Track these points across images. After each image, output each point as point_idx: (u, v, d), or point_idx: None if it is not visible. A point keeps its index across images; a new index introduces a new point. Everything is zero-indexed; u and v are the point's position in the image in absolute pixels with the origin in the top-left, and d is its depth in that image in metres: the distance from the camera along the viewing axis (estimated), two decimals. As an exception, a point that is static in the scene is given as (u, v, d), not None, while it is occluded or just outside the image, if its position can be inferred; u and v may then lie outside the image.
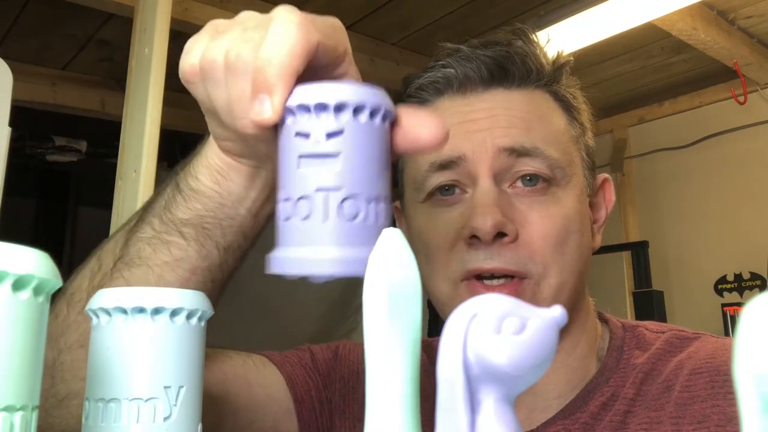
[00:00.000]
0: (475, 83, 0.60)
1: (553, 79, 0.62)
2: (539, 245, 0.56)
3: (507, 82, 0.60)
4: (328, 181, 0.32)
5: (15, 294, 0.23)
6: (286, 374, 0.62)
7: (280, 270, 0.33)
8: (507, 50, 0.61)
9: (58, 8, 1.87)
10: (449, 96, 0.62)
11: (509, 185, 0.58)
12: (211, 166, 0.45)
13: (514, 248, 0.55)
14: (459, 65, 0.61)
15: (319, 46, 0.35)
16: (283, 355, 0.64)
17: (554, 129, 0.60)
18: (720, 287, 2.42)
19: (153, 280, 0.46)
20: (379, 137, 0.34)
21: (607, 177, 0.67)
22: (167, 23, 1.37)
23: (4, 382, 0.23)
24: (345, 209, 0.32)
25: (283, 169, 0.34)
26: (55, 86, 2.28)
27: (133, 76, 1.38)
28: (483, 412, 0.22)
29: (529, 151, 0.57)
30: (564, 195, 0.58)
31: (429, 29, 2.10)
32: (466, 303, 0.23)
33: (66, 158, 2.53)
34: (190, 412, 0.33)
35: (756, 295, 0.17)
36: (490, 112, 0.59)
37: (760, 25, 2.12)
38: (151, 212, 0.48)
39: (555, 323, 0.23)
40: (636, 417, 0.56)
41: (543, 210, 0.57)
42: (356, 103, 0.33)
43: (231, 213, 0.46)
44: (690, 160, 2.57)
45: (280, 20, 0.34)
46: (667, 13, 1.79)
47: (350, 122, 0.33)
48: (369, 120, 0.33)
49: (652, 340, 0.62)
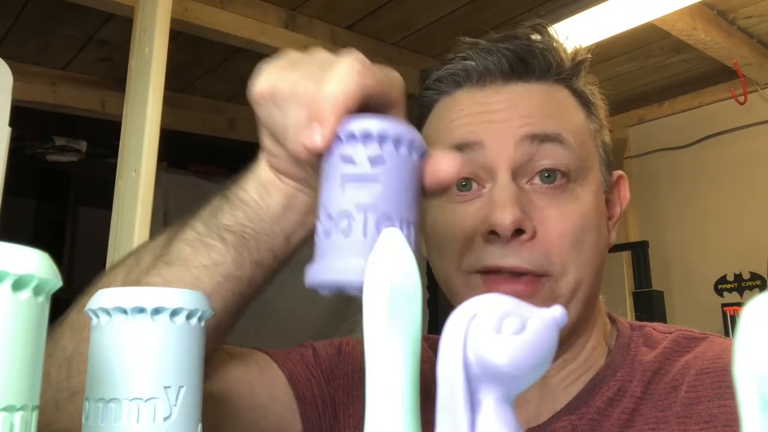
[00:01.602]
0: (494, 76, 0.61)
1: (572, 74, 0.62)
2: (557, 243, 0.56)
3: (527, 75, 0.60)
4: (369, 200, 0.37)
5: (15, 294, 0.23)
6: (287, 372, 0.61)
7: (319, 277, 0.37)
8: (527, 44, 0.60)
9: (58, 8, 1.87)
10: (468, 88, 0.62)
11: (527, 181, 0.58)
12: (258, 179, 0.49)
13: (531, 246, 0.55)
14: (479, 57, 0.61)
15: (372, 91, 0.40)
16: (285, 352, 0.64)
17: (573, 122, 0.60)
18: (720, 287, 2.42)
19: (189, 281, 0.47)
20: (412, 169, 0.39)
21: (622, 174, 0.66)
22: (167, 23, 1.37)
23: (4, 382, 0.23)
24: (382, 226, 0.36)
25: (326, 189, 0.39)
26: (55, 86, 2.28)
27: (133, 76, 1.38)
28: (483, 412, 0.22)
29: (551, 137, 0.57)
30: (582, 192, 0.58)
31: (429, 29, 2.10)
32: (466, 303, 0.23)
33: (66, 158, 2.53)
34: (190, 412, 0.33)
35: (756, 295, 0.17)
36: (510, 103, 0.59)
37: (760, 25, 2.12)
38: (197, 217, 0.51)
39: (555, 323, 0.23)
40: (643, 416, 0.56)
41: (561, 207, 0.57)
42: (395, 135, 0.38)
43: (267, 229, 0.49)
44: (690, 160, 2.57)
45: (344, 64, 0.40)
46: (667, 13, 1.79)
47: (390, 151, 0.38)
48: (406, 152, 0.38)
49: (659, 339, 0.62)
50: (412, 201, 0.38)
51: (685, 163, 2.58)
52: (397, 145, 0.38)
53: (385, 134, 0.37)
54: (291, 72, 0.42)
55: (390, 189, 0.37)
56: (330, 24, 2.05)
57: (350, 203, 0.37)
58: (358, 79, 0.39)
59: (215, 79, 2.38)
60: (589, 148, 0.60)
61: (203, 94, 2.53)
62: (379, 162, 0.37)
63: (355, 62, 0.40)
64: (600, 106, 0.64)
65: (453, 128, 0.60)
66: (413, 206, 0.38)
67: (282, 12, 1.97)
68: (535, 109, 0.59)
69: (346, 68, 0.39)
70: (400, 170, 0.38)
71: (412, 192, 0.39)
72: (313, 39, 2.00)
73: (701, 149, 2.54)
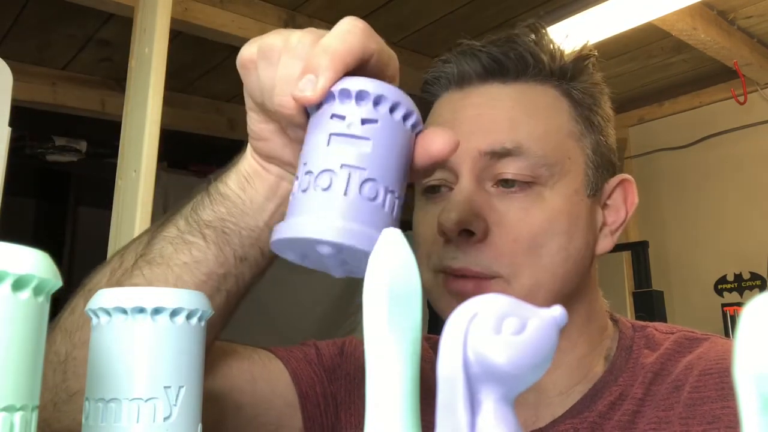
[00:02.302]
0: (470, 78, 0.61)
1: (561, 74, 0.61)
2: (509, 247, 0.55)
3: (502, 76, 0.60)
4: (355, 161, 0.34)
5: (15, 294, 0.23)
6: (291, 369, 0.62)
7: (286, 234, 0.34)
8: (505, 44, 0.60)
9: (58, 8, 1.87)
10: (450, 91, 0.62)
11: (492, 185, 0.58)
12: (240, 172, 0.48)
13: (481, 248, 0.55)
14: (456, 60, 0.61)
15: (373, 55, 0.38)
16: (288, 350, 0.64)
17: (546, 125, 0.59)
18: (720, 287, 2.42)
19: (172, 280, 0.47)
20: (405, 138, 0.36)
21: (626, 177, 0.64)
22: (167, 23, 1.37)
23: (4, 382, 0.23)
24: (365, 189, 0.34)
25: (311, 146, 0.36)
26: (55, 86, 2.27)
27: (133, 76, 1.38)
28: (483, 412, 0.22)
29: (510, 151, 0.56)
30: (550, 195, 0.57)
31: (429, 29, 2.10)
32: (465, 303, 0.23)
33: (66, 158, 2.53)
34: (190, 412, 0.33)
35: (756, 295, 0.17)
36: (478, 110, 0.59)
37: (760, 25, 2.12)
38: (179, 214, 0.50)
39: (555, 323, 0.23)
40: (645, 417, 0.56)
41: (521, 211, 0.56)
42: (393, 100, 0.35)
43: (251, 223, 0.48)
44: (690, 160, 2.57)
45: (347, 22, 0.37)
46: (667, 13, 1.79)
47: (385, 115, 0.35)
48: (401, 120, 0.36)
49: (661, 341, 0.62)
50: (400, 172, 0.36)
51: (685, 163, 2.58)
52: (392, 110, 0.36)
53: (381, 97, 0.35)
54: (284, 33, 0.39)
55: (378, 154, 0.35)
56: (330, 24, 2.02)
57: (335, 161, 0.34)
58: (362, 37, 0.37)
59: (215, 79, 2.38)
60: (566, 150, 0.59)
61: (203, 94, 2.53)
62: (371, 124, 0.35)
63: (359, 21, 0.38)
64: (602, 107, 0.63)
65: None
66: (400, 178, 0.36)
67: (282, 12, 1.97)
68: (500, 118, 0.58)
69: (349, 25, 0.37)
70: (393, 137, 0.35)
71: (401, 163, 0.36)
72: (313, 39, 2.00)
73: (701, 149, 2.54)
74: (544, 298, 0.56)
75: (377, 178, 0.34)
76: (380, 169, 0.34)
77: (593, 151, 0.61)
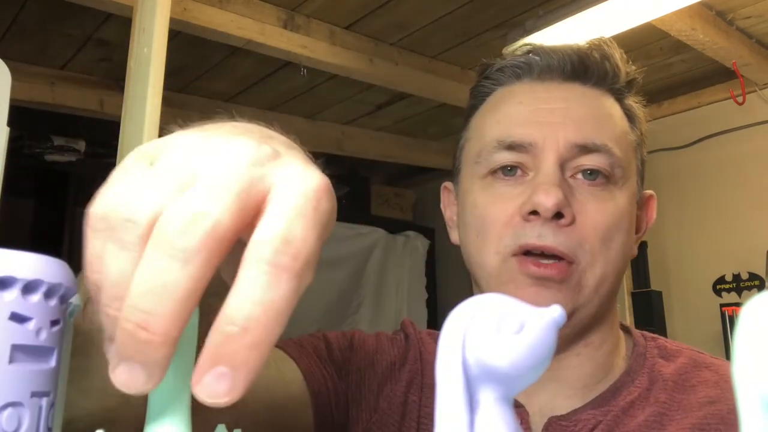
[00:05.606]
0: (555, 74, 0.64)
1: (625, 88, 0.66)
2: (590, 234, 0.58)
3: (584, 78, 0.64)
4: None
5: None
6: (302, 367, 0.62)
7: None
8: (589, 50, 0.64)
9: (56, 8, 1.87)
10: (528, 82, 0.65)
11: (571, 175, 0.61)
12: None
13: (568, 231, 0.58)
14: (544, 54, 0.64)
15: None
16: (299, 344, 0.65)
17: (620, 130, 0.63)
18: (718, 287, 2.42)
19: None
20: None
21: (652, 194, 0.69)
22: (166, 23, 1.37)
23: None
24: None
25: None
26: (53, 86, 2.27)
27: (132, 76, 1.37)
28: (482, 412, 0.22)
29: (598, 148, 0.60)
30: (620, 194, 0.61)
31: (428, 29, 2.10)
32: (465, 303, 0.23)
33: (65, 158, 2.53)
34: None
35: (754, 295, 0.17)
36: (566, 104, 0.62)
37: (759, 26, 2.12)
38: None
39: (554, 323, 0.23)
40: (675, 422, 0.58)
41: (598, 203, 0.60)
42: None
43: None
44: (689, 160, 2.57)
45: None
46: (666, 13, 1.79)
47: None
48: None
49: (673, 352, 0.65)
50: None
51: (683, 164, 2.58)
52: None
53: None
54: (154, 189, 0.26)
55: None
56: (329, 24, 2.04)
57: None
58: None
59: (214, 79, 2.38)
60: (630, 157, 0.63)
61: (202, 94, 2.53)
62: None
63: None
64: (643, 123, 0.67)
65: (511, 125, 0.62)
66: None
67: (281, 12, 1.97)
68: (588, 115, 0.62)
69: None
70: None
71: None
72: (311, 39, 2.00)
73: (700, 149, 2.54)
74: (606, 291, 0.60)
75: None
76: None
77: (641, 163, 0.66)
